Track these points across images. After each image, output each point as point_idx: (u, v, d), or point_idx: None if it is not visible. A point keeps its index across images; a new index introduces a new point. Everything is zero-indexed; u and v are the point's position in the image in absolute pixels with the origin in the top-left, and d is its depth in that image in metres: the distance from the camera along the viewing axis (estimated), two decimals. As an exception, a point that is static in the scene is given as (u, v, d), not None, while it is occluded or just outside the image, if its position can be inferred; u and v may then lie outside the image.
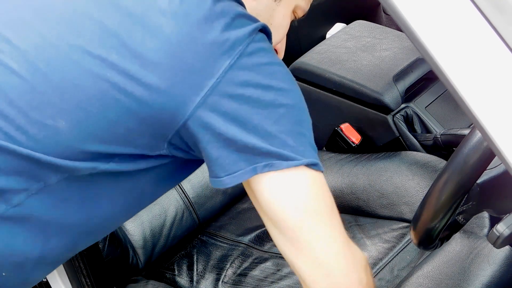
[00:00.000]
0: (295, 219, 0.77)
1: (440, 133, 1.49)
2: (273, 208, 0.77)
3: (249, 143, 0.74)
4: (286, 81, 0.78)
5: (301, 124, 0.78)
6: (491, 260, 1.17)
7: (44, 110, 0.74)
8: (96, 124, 0.74)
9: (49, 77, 0.74)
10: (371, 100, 1.58)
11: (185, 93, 0.73)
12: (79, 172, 0.77)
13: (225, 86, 0.73)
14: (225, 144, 0.74)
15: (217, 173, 0.77)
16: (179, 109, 0.74)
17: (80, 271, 1.26)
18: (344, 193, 1.49)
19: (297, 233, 0.78)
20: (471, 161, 0.86)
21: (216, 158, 0.75)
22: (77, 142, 0.75)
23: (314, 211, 0.78)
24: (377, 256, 1.35)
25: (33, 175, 0.76)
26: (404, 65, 1.61)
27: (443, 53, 0.65)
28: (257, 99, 0.74)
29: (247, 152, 0.75)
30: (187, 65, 0.73)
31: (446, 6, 0.66)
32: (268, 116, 0.75)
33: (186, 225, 1.59)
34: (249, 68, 0.75)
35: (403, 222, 1.40)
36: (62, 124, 0.74)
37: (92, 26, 0.75)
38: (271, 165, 0.75)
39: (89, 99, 0.73)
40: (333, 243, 0.79)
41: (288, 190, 0.77)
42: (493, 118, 0.64)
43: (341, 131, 1.64)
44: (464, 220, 0.97)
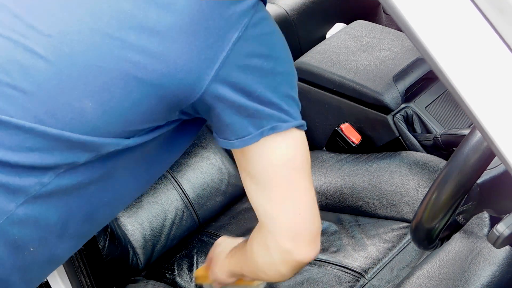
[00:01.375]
0: (288, 176, 0.86)
1: (440, 133, 1.49)
2: (269, 168, 0.85)
3: (256, 110, 0.81)
4: (283, 50, 0.85)
5: (292, 88, 0.86)
6: (491, 260, 1.17)
7: (70, 93, 0.77)
8: (120, 104, 0.78)
9: (74, 61, 0.77)
10: (371, 100, 1.58)
11: (200, 67, 0.78)
12: (104, 149, 0.80)
13: (234, 58, 0.79)
14: (236, 111, 0.81)
15: (228, 136, 0.83)
16: (196, 83, 0.78)
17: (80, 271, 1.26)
18: (344, 193, 1.49)
19: (287, 188, 0.87)
20: (471, 161, 0.86)
21: (228, 124, 0.82)
22: (102, 122, 0.79)
23: (302, 168, 0.88)
24: (377, 256, 1.35)
25: (63, 154, 0.79)
26: (404, 65, 1.61)
27: (443, 53, 0.65)
28: (260, 68, 0.80)
29: (255, 117, 0.82)
30: (201, 40, 0.78)
31: (446, 6, 0.66)
32: (269, 83, 0.82)
33: (186, 225, 1.59)
34: (253, 38, 0.80)
35: (403, 222, 1.40)
36: (88, 106, 0.77)
37: (109, 9, 0.78)
38: (275, 128, 0.83)
39: (113, 80, 0.77)
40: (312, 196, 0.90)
41: (285, 150, 0.85)
42: (493, 118, 0.64)
43: (341, 131, 1.64)
44: (464, 220, 0.97)
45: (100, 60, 0.77)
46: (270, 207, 0.89)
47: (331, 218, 1.48)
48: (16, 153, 0.77)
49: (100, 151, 0.80)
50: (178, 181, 1.61)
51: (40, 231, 0.83)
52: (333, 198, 1.50)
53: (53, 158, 0.79)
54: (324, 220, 1.47)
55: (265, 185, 0.87)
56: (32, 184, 0.79)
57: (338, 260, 1.36)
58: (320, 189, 1.53)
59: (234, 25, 0.78)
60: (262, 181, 0.87)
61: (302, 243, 0.90)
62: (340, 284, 1.31)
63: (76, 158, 0.80)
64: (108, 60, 0.77)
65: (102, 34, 0.77)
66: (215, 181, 1.65)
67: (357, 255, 1.36)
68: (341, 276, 1.32)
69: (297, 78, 0.88)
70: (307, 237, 0.90)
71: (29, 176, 0.79)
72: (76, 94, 0.77)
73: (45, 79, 0.77)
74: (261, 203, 0.89)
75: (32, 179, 0.79)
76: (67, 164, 0.80)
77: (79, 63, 0.77)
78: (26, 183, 0.79)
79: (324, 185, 1.53)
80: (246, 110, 0.81)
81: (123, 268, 1.51)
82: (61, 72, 0.77)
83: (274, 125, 0.83)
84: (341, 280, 1.31)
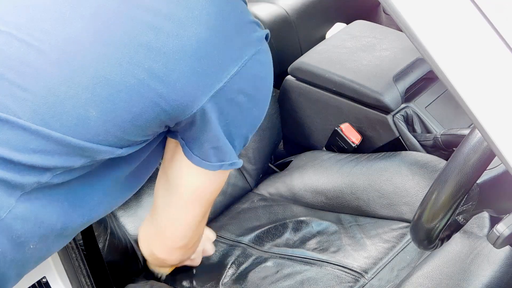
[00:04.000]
0: (198, 199, 1.00)
1: (440, 133, 1.49)
2: (191, 187, 0.97)
3: (225, 144, 0.88)
4: (266, 96, 0.92)
5: (252, 131, 0.93)
6: (491, 260, 1.17)
7: (78, 100, 0.80)
8: (121, 115, 0.82)
9: (84, 70, 0.80)
10: (371, 100, 1.58)
11: (196, 93, 0.82)
12: (99, 156, 0.84)
13: (227, 90, 0.84)
14: (210, 137, 0.87)
15: (192, 148, 0.90)
16: (189, 106, 0.83)
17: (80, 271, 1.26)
18: (344, 193, 1.49)
19: (188, 206, 1.01)
20: (471, 161, 0.86)
21: (198, 141, 0.88)
22: (102, 130, 0.82)
23: (211, 199, 1.03)
24: (377, 256, 1.35)
25: (62, 157, 0.82)
26: (404, 65, 1.61)
27: (443, 53, 0.65)
28: (241, 105, 0.86)
29: (220, 151, 0.89)
30: (203, 67, 0.82)
31: (446, 6, 0.66)
32: (241, 120, 0.89)
33: (186, 225, 1.59)
34: (248, 77, 0.85)
35: (403, 222, 1.40)
36: (93, 114, 0.81)
37: (124, 25, 0.81)
38: (233, 164, 0.92)
39: (118, 93, 0.80)
40: (197, 223, 1.06)
41: (215, 181, 0.97)
42: (493, 118, 0.64)
43: (341, 131, 1.64)
44: (464, 220, 0.97)
45: (108, 72, 0.80)
46: (167, 209, 1.02)
47: (331, 218, 1.48)
48: (20, 152, 0.79)
49: (96, 157, 0.84)
50: (178, 181, 1.61)
51: (41, 229, 0.85)
52: (333, 198, 1.50)
53: (53, 160, 0.81)
54: (324, 220, 1.47)
55: (175, 193, 0.99)
56: (30, 183, 0.81)
57: (338, 260, 1.36)
58: (320, 189, 1.53)
59: (235, 60, 0.83)
60: (175, 189, 0.98)
61: (163, 245, 1.10)
62: (340, 284, 1.31)
63: (73, 162, 0.83)
64: (116, 73, 0.80)
65: (114, 48, 0.80)
66: (215, 181, 1.64)
67: (357, 255, 1.36)
68: (341, 276, 1.33)
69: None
70: (168, 245, 1.09)
71: (29, 174, 0.81)
72: (82, 101, 0.80)
73: (55, 84, 0.79)
74: (163, 200, 1.02)
75: (31, 177, 0.81)
76: (64, 168, 0.83)
77: (89, 72, 0.80)
78: (25, 181, 0.81)
79: (324, 185, 1.53)
80: (218, 141, 0.88)
81: (123, 268, 1.51)
82: (71, 79, 0.80)
83: (232, 161, 0.91)
84: (341, 280, 1.31)
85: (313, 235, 1.44)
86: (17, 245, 0.83)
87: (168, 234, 1.07)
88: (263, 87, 0.90)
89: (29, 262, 0.89)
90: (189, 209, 1.01)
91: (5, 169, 0.79)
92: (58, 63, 0.80)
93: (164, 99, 0.82)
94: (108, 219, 1.51)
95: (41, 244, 0.87)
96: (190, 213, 1.02)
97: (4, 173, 0.79)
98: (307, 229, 1.46)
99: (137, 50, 0.80)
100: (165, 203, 1.02)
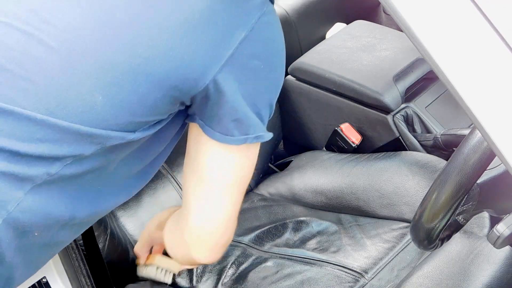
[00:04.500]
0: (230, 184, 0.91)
1: (440, 133, 1.49)
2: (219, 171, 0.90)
3: (245, 115, 0.84)
4: (281, 58, 0.87)
5: (275, 97, 0.89)
6: (491, 260, 1.17)
7: (82, 87, 0.79)
8: (128, 97, 0.80)
9: (86, 56, 0.79)
10: (371, 100, 1.58)
11: (206, 64, 0.80)
12: (110, 142, 0.82)
13: (238, 57, 0.81)
14: (228, 110, 0.83)
15: (212, 126, 0.86)
16: (200, 78, 0.81)
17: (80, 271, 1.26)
18: (344, 193, 1.49)
19: (221, 193, 0.92)
20: (471, 161, 0.86)
21: (217, 116, 0.84)
22: (110, 115, 0.80)
23: (245, 181, 0.94)
24: (377, 256, 1.35)
25: (71, 146, 0.81)
26: (404, 65, 1.61)
27: (443, 53, 0.65)
28: (257, 70, 0.83)
29: (242, 123, 0.85)
30: (209, 38, 0.80)
31: (446, 6, 0.66)
32: (260, 88, 0.85)
33: (186, 225, 1.59)
34: (258, 40, 0.82)
35: (403, 222, 1.40)
36: (99, 99, 0.79)
37: (123, 5, 0.79)
38: (259, 137, 0.87)
39: (123, 75, 0.79)
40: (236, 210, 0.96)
41: (244, 159, 0.90)
42: (493, 118, 0.64)
43: (341, 131, 1.64)
44: (464, 220, 0.97)
45: (111, 55, 0.79)
46: (203, 203, 0.94)
47: (331, 218, 1.48)
48: (26, 143, 0.79)
49: (106, 143, 0.82)
50: (178, 181, 1.61)
51: (48, 220, 0.85)
52: (333, 198, 1.50)
53: (61, 149, 0.80)
54: (324, 220, 1.47)
55: (208, 183, 0.92)
56: (40, 174, 0.81)
57: (338, 260, 1.36)
58: (320, 189, 1.53)
59: (242, 25, 0.81)
60: (207, 179, 0.91)
61: (204, 246, 0.97)
62: (340, 284, 1.31)
63: (83, 150, 0.82)
64: (119, 56, 0.79)
65: (115, 31, 0.79)
66: (215, 181, 1.64)
67: (357, 255, 1.36)
68: (341, 276, 1.33)
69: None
70: (211, 244, 0.97)
71: (38, 165, 0.80)
72: (87, 87, 0.79)
73: (58, 72, 0.79)
74: (196, 196, 0.94)
75: (40, 168, 0.80)
76: (74, 156, 0.82)
77: (91, 58, 0.79)
78: (34, 173, 0.80)
79: (324, 185, 1.53)
80: (236, 112, 0.84)
81: (123, 268, 1.51)
82: (73, 66, 0.79)
83: (258, 134, 0.86)
84: (341, 280, 1.31)
85: (313, 235, 1.44)
86: (21, 233, 0.83)
87: (209, 230, 0.96)
88: (275, 48, 0.86)
89: (33, 248, 0.88)
90: (226, 196, 0.93)
91: (12, 162, 0.79)
92: (59, 51, 0.79)
93: (172, 75, 0.80)
94: (108, 219, 1.51)
95: (45, 233, 0.86)
96: (229, 200, 0.94)
97: (12, 166, 0.79)
98: (307, 229, 1.46)
99: (139, 29, 0.79)
100: (199, 198, 0.94)
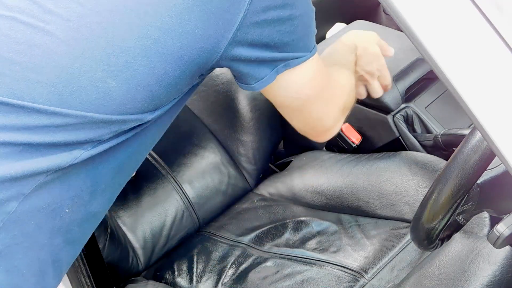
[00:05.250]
0: (309, 99, 0.96)
1: (440, 133, 1.48)
2: (290, 98, 0.94)
3: (272, 57, 0.86)
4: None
5: (310, 25, 0.89)
6: (491, 260, 1.17)
7: (94, 74, 0.78)
8: (144, 80, 0.80)
9: (94, 43, 0.78)
10: (371, 100, 1.57)
11: (218, 33, 0.80)
12: (127, 125, 0.82)
13: (251, 16, 0.80)
14: (252, 63, 0.85)
15: (248, 81, 0.88)
16: (215, 48, 0.81)
17: (80, 271, 1.26)
18: (344, 193, 1.49)
19: (309, 108, 0.98)
20: (471, 161, 0.86)
21: (246, 73, 0.87)
22: (128, 99, 0.80)
23: (323, 89, 0.97)
24: (377, 256, 1.35)
25: (89, 131, 0.81)
26: (404, 65, 1.61)
27: (443, 53, 0.65)
28: (277, 19, 0.82)
29: (270, 62, 0.86)
30: (217, 6, 0.79)
31: (446, 6, 0.66)
32: (286, 30, 0.84)
33: (186, 225, 1.59)
34: None
35: (403, 222, 1.40)
36: (112, 85, 0.79)
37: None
38: (287, 65, 0.88)
39: (135, 58, 0.78)
40: (334, 109, 1.05)
41: (300, 81, 0.92)
42: (493, 118, 0.64)
43: (341, 131, 1.64)
44: (464, 220, 0.97)
45: (120, 40, 0.78)
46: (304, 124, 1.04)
47: (331, 218, 1.48)
48: (41, 135, 0.78)
49: (123, 127, 0.82)
50: (178, 181, 1.61)
51: (70, 192, 0.84)
52: (333, 198, 1.50)
53: (79, 136, 0.80)
54: (324, 220, 1.47)
55: (295, 109, 0.99)
56: (58, 163, 0.80)
57: (338, 260, 1.36)
58: (320, 189, 1.53)
59: None
60: (288, 107, 0.99)
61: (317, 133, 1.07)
62: (340, 284, 1.31)
63: (101, 135, 0.81)
64: (129, 39, 0.78)
65: (121, 15, 0.78)
66: (215, 182, 1.65)
67: (357, 255, 1.36)
68: (341, 276, 1.32)
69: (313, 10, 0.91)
70: (319, 130, 1.06)
71: (55, 154, 0.80)
72: (99, 74, 0.78)
73: (67, 62, 0.78)
74: (297, 119, 1.02)
75: (58, 157, 0.80)
76: (93, 141, 0.82)
77: (100, 44, 0.78)
78: (50, 163, 0.80)
79: (324, 185, 1.53)
80: (263, 60, 0.85)
81: (123, 268, 1.51)
82: (82, 55, 0.78)
83: (286, 62, 0.88)
84: (341, 280, 1.31)
85: (313, 235, 1.44)
86: (50, 212, 0.82)
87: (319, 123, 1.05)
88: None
89: (72, 226, 0.87)
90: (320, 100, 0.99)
91: (29, 154, 0.78)
92: (66, 41, 0.78)
93: (187, 51, 0.80)
94: (108, 219, 1.51)
95: (76, 207, 0.86)
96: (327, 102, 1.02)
97: (28, 162, 0.78)
98: (307, 229, 1.46)
99: (146, 10, 0.78)
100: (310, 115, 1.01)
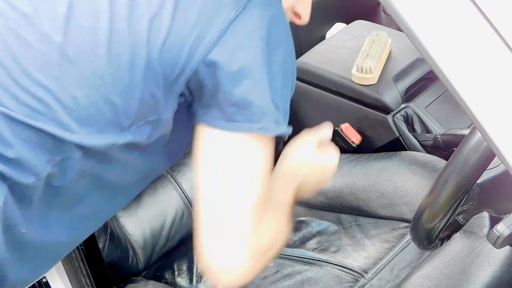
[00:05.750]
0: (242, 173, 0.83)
1: (440, 133, 1.49)
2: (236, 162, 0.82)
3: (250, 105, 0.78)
4: (284, 35, 0.84)
5: (289, 83, 0.83)
6: (491, 260, 1.17)
7: (104, 93, 0.79)
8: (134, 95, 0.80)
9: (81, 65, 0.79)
10: (371, 100, 1.58)
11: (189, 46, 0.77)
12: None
13: (229, 37, 0.77)
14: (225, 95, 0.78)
15: (214, 115, 0.80)
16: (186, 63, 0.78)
17: (80, 271, 1.26)
18: (344, 193, 1.49)
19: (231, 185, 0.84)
20: (471, 161, 0.86)
21: (218, 102, 0.79)
22: (124, 118, 0.81)
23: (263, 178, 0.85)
24: (377, 256, 1.35)
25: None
26: (404, 65, 1.61)
27: (443, 53, 0.65)
28: (260, 50, 0.78)
29: (245, 110, 0.78)
30: (194, 17, 0.78)
31: (446, 6, 0.66)
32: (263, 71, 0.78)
33: (186, 225, 1.59)
34: (251, 20, 0.78)
35: (403, 222, 1.40)
36: (118, 100, 0.80)
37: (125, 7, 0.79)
38: (262, 129, 0.79)
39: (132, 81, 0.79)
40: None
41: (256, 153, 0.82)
42: (493, 118, 0.64)
43: (341, 131, 1.64)
44: (464, 220, 0.97)
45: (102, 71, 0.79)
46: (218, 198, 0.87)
47: (331, 218, 1.48)
48: None
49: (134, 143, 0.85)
50: (178, 181, 1.61)
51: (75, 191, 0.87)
52: (333, 198, 1.50)
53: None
54: (324, 220, 1.47)
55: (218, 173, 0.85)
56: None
57: (338, 260, 1.36)
58: (320, 189, 1.53)
59: (230, 4, 0.78)
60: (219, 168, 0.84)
61: None
62: (340, 284, 1.31)
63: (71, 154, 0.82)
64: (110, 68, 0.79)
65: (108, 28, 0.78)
66: (215, 181, 1.64)
67: (357, 255, 1.36)
68: (341, 276, 1.33)
69: (296, 79, 0.85)
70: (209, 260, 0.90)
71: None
72: (101, 94, 0.80)
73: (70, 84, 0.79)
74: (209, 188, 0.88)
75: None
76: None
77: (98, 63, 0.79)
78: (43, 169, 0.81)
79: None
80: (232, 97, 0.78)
81: (123, 268, 1.51)
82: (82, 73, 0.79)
83: (262, 126, 0.79)
84: (341, 280, 1.31)
85: (313, 235, 1.44)
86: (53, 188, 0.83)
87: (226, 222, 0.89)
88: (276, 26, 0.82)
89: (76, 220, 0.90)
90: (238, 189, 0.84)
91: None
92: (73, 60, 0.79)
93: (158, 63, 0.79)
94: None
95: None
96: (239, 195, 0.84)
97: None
98: (307, 229, 1.46)
99: (140, 22, 0.78)
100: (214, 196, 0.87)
